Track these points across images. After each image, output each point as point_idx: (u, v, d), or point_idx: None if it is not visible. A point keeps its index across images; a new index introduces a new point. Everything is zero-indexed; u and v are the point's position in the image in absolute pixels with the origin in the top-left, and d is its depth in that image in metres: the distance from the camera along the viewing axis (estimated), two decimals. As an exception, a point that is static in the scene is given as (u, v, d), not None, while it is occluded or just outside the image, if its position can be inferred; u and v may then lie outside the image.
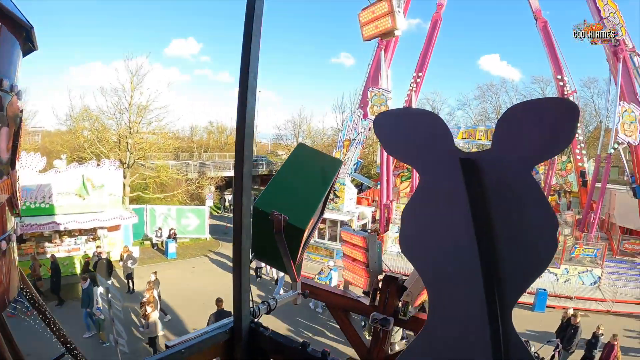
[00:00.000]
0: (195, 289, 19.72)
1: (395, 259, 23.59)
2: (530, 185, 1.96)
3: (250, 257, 3.09)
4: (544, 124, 1.91)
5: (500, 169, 2.03)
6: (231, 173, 45.90)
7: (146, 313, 13.17)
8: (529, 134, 1.95)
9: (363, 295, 6.16)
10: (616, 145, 24.90)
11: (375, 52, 28.97)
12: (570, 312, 15.16)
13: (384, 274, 5.69)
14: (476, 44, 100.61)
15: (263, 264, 20.62)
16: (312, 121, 64.24)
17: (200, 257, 25.79)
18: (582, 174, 31.39)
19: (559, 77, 32.95)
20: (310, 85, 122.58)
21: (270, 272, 22.02)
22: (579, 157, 33.40)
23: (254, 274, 21.57)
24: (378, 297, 5.47)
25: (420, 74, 34.69)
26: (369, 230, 21.00)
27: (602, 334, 14.21)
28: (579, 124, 30.12)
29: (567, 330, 14.43)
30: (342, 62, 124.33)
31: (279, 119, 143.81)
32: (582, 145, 34.00)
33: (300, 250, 3.11)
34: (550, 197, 34.49)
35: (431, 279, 2.35)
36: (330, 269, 19.16)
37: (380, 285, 5.50)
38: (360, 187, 37.55)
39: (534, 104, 2.09)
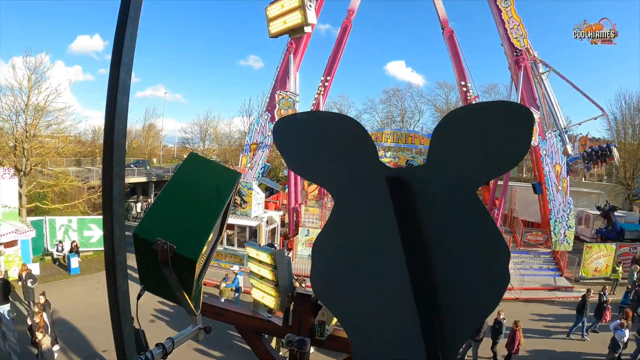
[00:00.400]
0: (102, 306, 18.14)
1: (307, 263, 23.41)
2: (476, 210, 1.54)
3: (139, 291, 2.51)
4: (493, 133, 1.50)
5: (439, 190, 1.59)
6: (136, 179, 43.47)
7: (37, 340, 11.78)
8: (473, 146, 1.53)
9: (273, 314, 5.69)
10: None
11: (284, 55, 28.82)
12: (476, 304, 15.53)
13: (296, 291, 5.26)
14: (383, 51, 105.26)
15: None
16: (219, 124, 62.96)
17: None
18: None
19: (463, 83, 35.20)
20: (219, 88, 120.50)
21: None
22: None
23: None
24: (291, 317, 5.03)
25: (328, 78, 35.27)
26: (276, 244, 20.03)
27: (504, 319, 14.80)
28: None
29: (472, 322, 14.80)
30: (250, 65, 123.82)
31: (185, 122, 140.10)
32: None
33: (195, 281, 2.56)
34: None
35: (354, 329, 1.81)
36: (236, 274, 18.54)
37: (292, 304, 5.07)
38: (271, 191, 37.03)
39: (479, 109, 1.68)
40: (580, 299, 18.24)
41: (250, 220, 22.97)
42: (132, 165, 48.33)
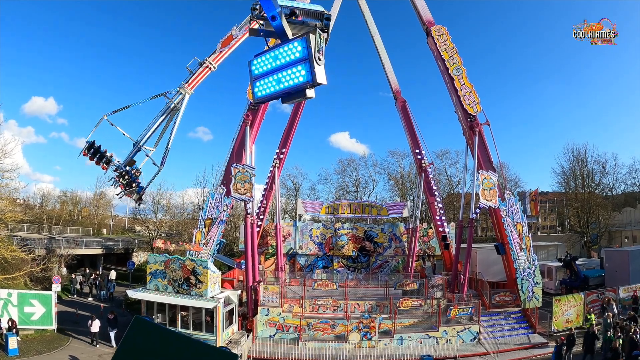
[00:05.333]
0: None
1: (268, 345, 22.26)
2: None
3: None
4: None
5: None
6: (84, 251, 41.08)
7: None
8: None
9: None
10: (478, 210, 26.66)
11: (240, 127, 28.53)
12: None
13: None
14: (326, 122, 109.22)
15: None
16: (172, 196, 61.14)
17: (49, 354, 21.86)
18: (444, 238, 33.40)
19: (417, 151, 36.07)
20: (169, 159, 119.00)
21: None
22: (439, 222, 35.74)
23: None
24: None
25: (283, 150, 35.40)
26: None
27: None
28: (437, 193, 32.34)
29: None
30: (199, 137, 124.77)
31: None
32: (442, 212, 36.56)
33: None
34: (416, 262, 36.31)
35: None
36: None
37: None
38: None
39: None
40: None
41: (206, 301, 21.42)
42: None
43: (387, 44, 36.92)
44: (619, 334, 19.68)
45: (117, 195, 23.12)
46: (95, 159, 20.73)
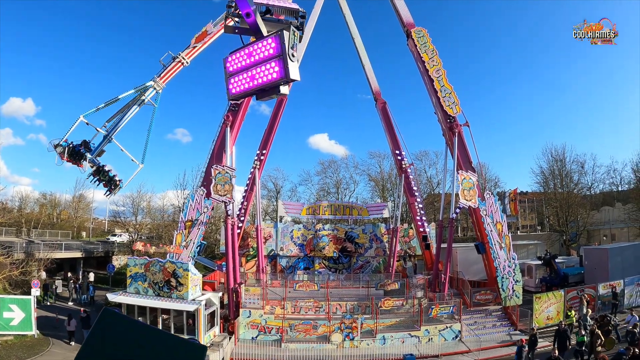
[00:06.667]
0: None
1: (249, 346, 22.23)
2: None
3: None
4: None
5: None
6: (64, 254, 40.34)
7: None
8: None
9: None
10: (458, 210, 26.90)
11: (220, 129, 28.43)
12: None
13: None
14: (305, 124, 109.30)
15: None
16: (152, 198, 60.57)
17: (29, 359, 21.49)
18: (425, 238, 33.65)
19: (398, 152, 36.28)
20: (148, 161, 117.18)
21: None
22: (420, 223, 36.01)
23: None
24: None
25: (264, 152, 35.21)
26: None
27: None
28: (417, 193, 32.39)
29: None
30: (179, 139, 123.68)
31: (117, 194, 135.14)
32: (422, 212, 36.84)
33: None
34: (397, 262, 36.52)
35: None
36: None
37: None
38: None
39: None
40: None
41: (187, 303, 21.24)
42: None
43: (368, 45, 37.19)
44: (583, 333, 20.13)
45: (105, 195, 23.93)
46: (73, 160, 20.83)
